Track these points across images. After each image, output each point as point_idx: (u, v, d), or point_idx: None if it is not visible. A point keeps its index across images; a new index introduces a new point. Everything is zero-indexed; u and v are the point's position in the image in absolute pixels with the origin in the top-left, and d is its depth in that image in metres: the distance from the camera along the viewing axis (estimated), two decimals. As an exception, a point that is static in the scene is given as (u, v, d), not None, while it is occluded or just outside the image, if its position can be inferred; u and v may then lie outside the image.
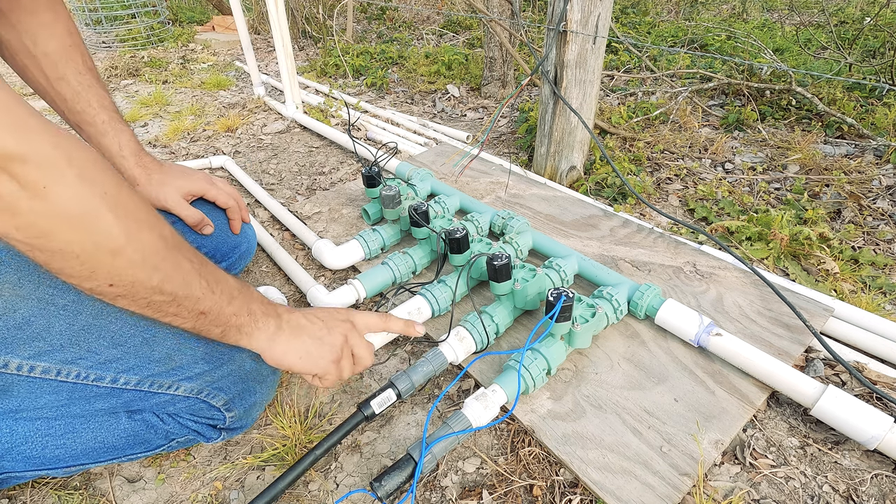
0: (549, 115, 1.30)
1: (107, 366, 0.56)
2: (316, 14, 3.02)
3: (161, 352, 0.59)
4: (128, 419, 0.63)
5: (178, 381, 0.60)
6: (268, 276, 1.08)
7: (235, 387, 0.65)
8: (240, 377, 0.65)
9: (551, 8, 1.18)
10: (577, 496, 0.64)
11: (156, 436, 0.65)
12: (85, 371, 0.55)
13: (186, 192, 0.84)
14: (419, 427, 0.74)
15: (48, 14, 0.70)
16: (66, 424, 0.61)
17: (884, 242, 1.12)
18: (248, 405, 0.68)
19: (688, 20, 3.01)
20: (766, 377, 0.72)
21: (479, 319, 0.80)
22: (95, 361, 0.55)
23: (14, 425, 0.59)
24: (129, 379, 0.58)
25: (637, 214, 1.23)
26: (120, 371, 0.57)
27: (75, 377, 0.55)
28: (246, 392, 0.67)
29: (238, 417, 0.67)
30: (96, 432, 0.62)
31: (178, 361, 0.60)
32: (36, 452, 0.60)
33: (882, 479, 0.64)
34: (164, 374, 0.59)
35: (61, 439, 0.61)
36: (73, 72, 0.73)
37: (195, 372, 0.61)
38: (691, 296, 0.90)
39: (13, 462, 0.60)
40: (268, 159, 1.61)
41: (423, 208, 0.96)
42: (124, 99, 2.20)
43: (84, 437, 0.62)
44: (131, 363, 0.57)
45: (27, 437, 0.59)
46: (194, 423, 0.66)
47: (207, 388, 0.62)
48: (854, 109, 1.60)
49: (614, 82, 2.10)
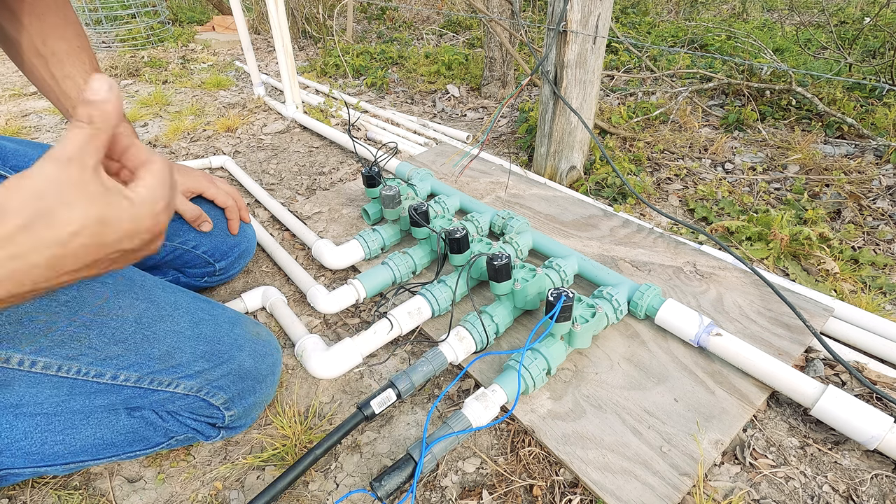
0: (549, 115, 1.30)
1: (107, 362, 0.56)
2: (316, 14, 3.02)
3: (161, 349, 0.59)
4: (127, 416, 0.64)
5: (177, 379, 0.61)
6: (268, 276, 1.08)
7: (235, 386, 0.65)
8: (239, 376, 0.65)
9: (551, 8, 1.18)
10: (577, 496, 0.64)
11: (155, 433, 0.66)
12: (86, 367, 0.56)
13: (186, 188, 0.84)
14: (419, 427, 0.74)
15: (57, 16, 0.71)
16: (66, 420, 0.61)
17: (884, 242, 1.12)
18: (247, 405, 0.68)
19: (688, 20, 3.01)
20: (766, 377, 0.72)
21: (479, 319, 0.80)
22: (96, 358, 0.56)
23: (14, 420, 0.59)
24: (129, 376, 0.58)
25: (637, 214, 1.23)
26: (120, 368, 0.57)
27: (76, 373, 0.55)
28: (245, 391, 0.67)
29: (237, 417, 0.68)
30: (96, 429, 0.62)
31: (177, 359, 0.60)
32: (35, 448, 0.60)
33: (882, 479, 0.64)
34: (164, 371, 0.60)
35: (61, 435, 0.61)
36: (81, 71, 0.73)
37: (195, 370, 0.61)
38: (691, 296, 0.90)
39: (12, 458, 0.60)
40: (268, 159, 1.61)
41: (423, 208, 0.96)
42: (124, 99, 2.20)
43: (83, 433, 0.62)
44: (131, 360, 0.58)
45: (27, 433, 0.59)
46: (193, 420, 0.66)
47: (207, 387, 0.63)
48: (854, 109, 1.60)
49: (614, 82, 2.10)
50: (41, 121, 1.99)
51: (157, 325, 0.59)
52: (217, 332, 0.65)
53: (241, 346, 0.67)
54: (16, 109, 2.11)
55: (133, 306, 0.59)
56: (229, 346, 0.65)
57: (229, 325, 0.67)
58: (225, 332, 0.66)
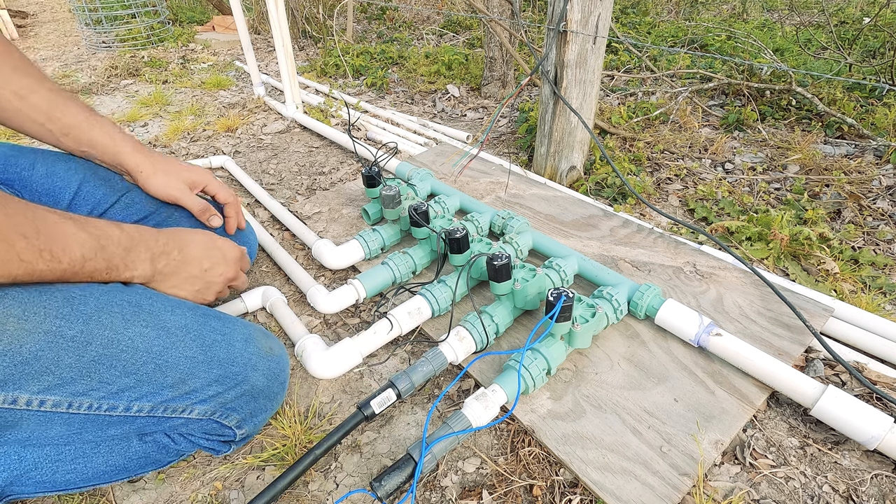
0: (549, 115, 1.30)
1: (119, 395, 0.55)
2: (316, 14, 3.02)
3: (174, 377, 0.58)
4: (139, 442, 0.63)
5: (191, 405, 0.60)
6: (268, 276, 1.08)
7: (248, 406, 0.64)
8: (252, 396, 0.64)
9: (551, 8, 1.18)
10: (577, 496, 0.64)
11: (167, 455, 0.65)
12: (97, 402, 0.54)
13: (191, 181, 0.82)
14: (419, 427, 0.74)
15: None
16: (77, 450, 0.60)
17: (884, 242, 1.12)
18: (258, 421, 0.68)
19: (688, 20, 3.00)
20: (766, 377, 0.72)
21: (478, 319, 0.80)
22: (108, 392, 0.54)
23: (23, 452, 0.58)
24: (143, 406, 0.57)
25: (637, 214, 1.23)
26: (133, 399, 0.56)
27: (87, 409, 0.54)
28: (258, 410, 0.66)
29: (248, 433, 0.68)
30: (107, 457, 0.61)
31: (191, 385, 0.59)
32: (46, 478, 0.59)
33: (882, 479, 0.64)
34: (178, 398, 0.58)
35: (72, 464, 0.60)
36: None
37: (208, 395, 0.60)
38: (691, 296, 0.90)
39: (23, 487, 0.59)
40: (268, 159, 1.61)
41: (423, 208, 0.96)
42: (124, 99, 2.20)
43: (95, 461, 0.61)
44: (144, 391, 0.56)
45: (37, 464, 0.58)
46: (206, 440, 0.66)
47: (220, 410, 0.62)
48: (854, 109, 1.60)
49: (614, 82, 2.10)
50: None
51: (168, 352, 0.58)
52: (230, 353, 0.63)
53: (255, 365, 0.65)
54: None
55: (143, 335, 0.57)
56: (243, 367, 0.63)
57: (243, 343, 0.65)
58: (238, 352, 0.64)
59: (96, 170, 0.79)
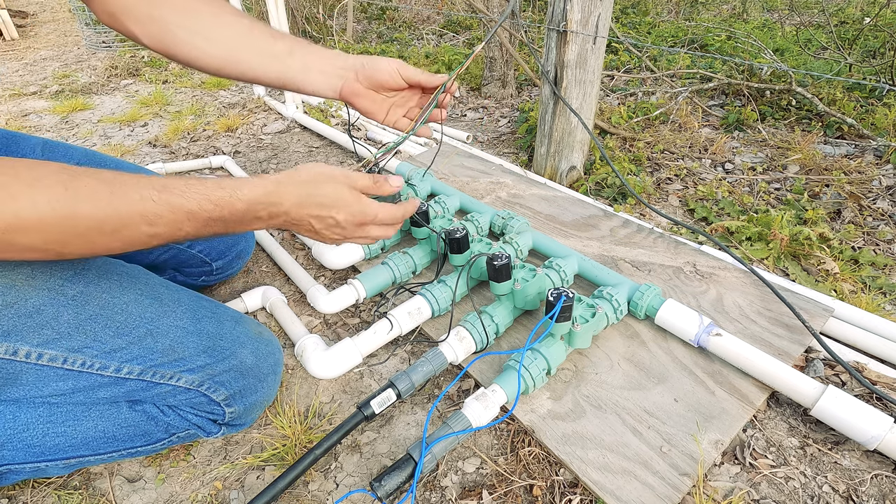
0: (549, 115, 1.30)
1: (111, 355, 0.58)
2: (316, 14, 3.02)
3: (164, 343, 0.60)
4: (129, 409, 0.64)
5: (179, 373, 0.61)
6: (268, 275, 1.08)
7: (236, 382, 0.66)
8: (240, 372, 0.66)
9: (551, 8, 1.18)
10: (577, 496, 0.64)
11: (156, 428, 0.66)
12: (90, 360, 0.57)
13: None
14: (419, 427, 0.74)
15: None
16: (68, 412, 0.62)
17: (884, 242, 1.12)
18: (248, 403, 0.68)
19: (688, 20, 3.01)
20: (766, 377, 0.72)
21: (479, 319, 0.80)
22: (100, 350, 0.57)
23: (17, 412, 0.60)
24: (133, 368, 0.59)
25: (637, 214, 1.23)
26: (123, 360, 0.59)
27: (80, 365, 0.57)
28: (247, 389, 0.67)
29: (238, 414, 0.68)
30: (97, 421, 0.63)
31: (180, 353, 0.61)
32: (36, 440, 0.61)
33: (882, 480, 0.64)
34: (166, 364, 0.61)
35: (62, 426, 0.62)
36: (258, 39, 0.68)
37: (196, 364, 0.62)
38: (691, 296, 0.90)
39: (13, 451, 0.61)
40: (268, 159, 1.61)
41: (423, 208, 0.96)
42: (124, 98, 2.20)
43: (85, 425, 0.63)
44: (135, 353, 0.59)
45: (28, 424, 0.60)
46: (195, 416, 0.66)
47: (208, 382, 0.63)
48: (854, 109, 1.60)
49: (614, 82, 2.10)
50: (41, 120, 1.99)
51: (160, 319, 0.61)
52: (219, 328, 0.66)
53: (244, 343, 0.67)
54: (16, 109, 2.11)
55: (138, 301, 0.60)
56: (231, 343, 0.66)
57: (232, 322, 0.68)
58: (227, 330, 0.66)
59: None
